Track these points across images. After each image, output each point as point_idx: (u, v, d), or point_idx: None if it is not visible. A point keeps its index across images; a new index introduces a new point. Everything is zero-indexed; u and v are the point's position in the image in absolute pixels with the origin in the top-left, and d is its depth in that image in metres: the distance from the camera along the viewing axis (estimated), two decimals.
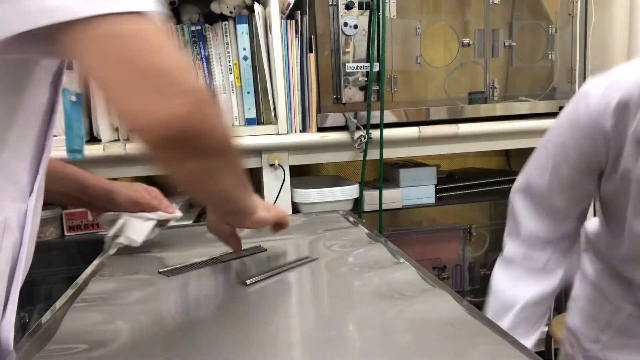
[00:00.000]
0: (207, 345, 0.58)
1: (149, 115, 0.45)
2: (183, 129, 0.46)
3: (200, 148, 0.50)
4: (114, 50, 0.44)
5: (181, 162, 0.51)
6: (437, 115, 1.57)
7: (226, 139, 0.54)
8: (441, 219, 1.67)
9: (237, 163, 0.59)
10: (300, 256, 0.87)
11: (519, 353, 0.53)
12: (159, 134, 0.46)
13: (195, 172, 0.54)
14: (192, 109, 0.47)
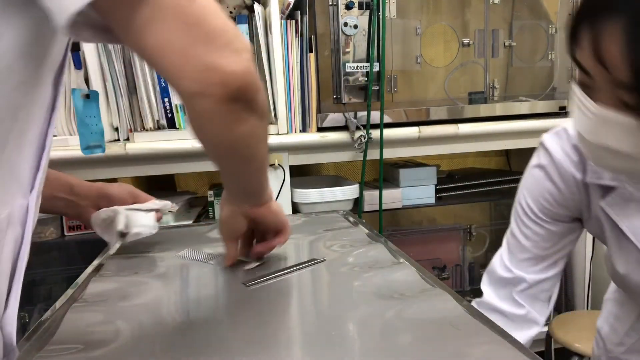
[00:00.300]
0: (207, 345, 0.58)
1: (225, 69, 0.49)
2: (250, 82, 0.53)
3: (259, 105, 0.56)
4: (177, 15, 0.46)
5: (244, 120, 0.55)
6: (437, 115, 1.57)
7: (265, 102, 0.58)
8: (441, 219, 1.67)
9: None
10: (307, 257, 0.87)
11: (519, 353, 0.53)
12: (234, 86, 0.50)
13: (251, 132, 0.57)
14: (252, 65, 0.53)
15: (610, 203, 0.72)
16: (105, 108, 1.45)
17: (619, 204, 0.71)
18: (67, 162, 1.35)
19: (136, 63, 1.43)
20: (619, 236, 0.74)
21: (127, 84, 1.45)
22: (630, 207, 0.70)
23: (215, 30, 0.49)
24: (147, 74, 1.44)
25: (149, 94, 1.45)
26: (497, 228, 1.72)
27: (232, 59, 0.50)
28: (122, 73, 1.43)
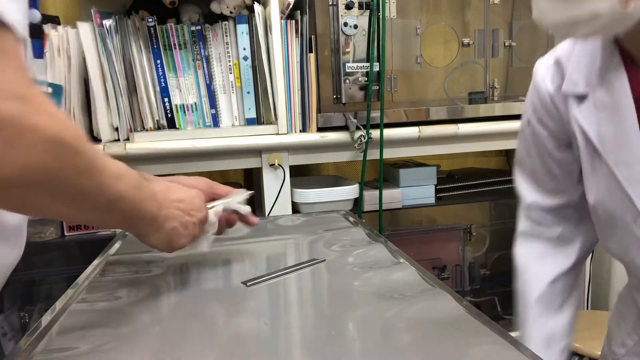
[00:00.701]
0: (207, 345, 0.58)
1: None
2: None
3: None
4: None
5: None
6: (437, 115, 1.57)
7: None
8: (441, 219, 1.67)
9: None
10: (307, 258, 0.87)
11: (519, 353, 0.53)
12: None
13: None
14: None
15: (584, 113, 0.73)
16: (105, 108, 1.46)
17: (591, 113, 0.72)
18: None
19: (136, 63, 1.43)
20: (592, 154, 0.73)
21: (127, 84, 1.45)
22: (601, 116, 0.71)
23: None
24: (147, 74, 1.45)
25: (149, 94, 1.45)
26: (497, 228, 1.72)
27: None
28: (122, 73, 1.43)
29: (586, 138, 0.73)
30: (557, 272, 0.87)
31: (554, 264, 0.88)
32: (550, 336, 0.87)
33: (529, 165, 0.87)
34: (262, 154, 1.46)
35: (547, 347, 0.86)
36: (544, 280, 0.87)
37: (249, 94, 1.51)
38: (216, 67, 1.50)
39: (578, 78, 0.73)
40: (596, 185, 0.74)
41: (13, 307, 1.47)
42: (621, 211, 0.72)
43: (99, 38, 1.41)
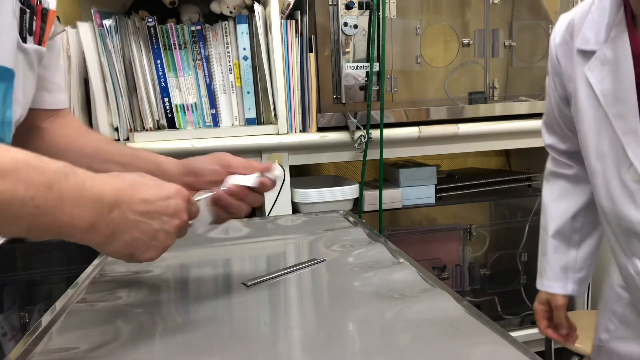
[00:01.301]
0: (207, 345, 0.58)
1: None
2: None
3: None
4: None
5: None
6: (437, 115, 1.57)
7: None
8: (441, 219, 1.67)
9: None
10: (307, 257, 0.87)
11: (519, 353, 0.53)
12: None
13: None
14: None
15: (591, 68, 0.78)
16: (105, 108, 1.45)
17: (597, 68, 0.77)
18: None
19: (136, 63, 1.43)
20: (596, 108, 0.78)
21: (127, 84, 1.45)
22: (604, 71, 0.76)
23: None
24: (147, 74, 1.45)
25: (149, 94, 1.45)
26: (497, 228, 1.72)
27: None
28: (122, 73, 1.43)
29: (592, 92, 0.78)
30: (575, 208, 0.96)
31: (572, 201, 0.97)
32: (566, 267, 0.97)
33: (546, 111, 0.96)
34: (262, 154, 1.46)
35: (563, 276, 0.96)
36: (563, 216, 0.97)
37: (249, 94, 1.51)
38: (216, 67, 1.50)
39: (590, 36, 0.78)
40: (597, 139, 0.79)
41: (13, 307, 1.47)
42: (617, 162, 0.76)
43: (99, 38, 1.41)
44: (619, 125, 0.74)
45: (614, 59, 0.75)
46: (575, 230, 0.97)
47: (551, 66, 0.89)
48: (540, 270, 1.01)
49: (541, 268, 1.00)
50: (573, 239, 0.98)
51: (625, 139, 0.74)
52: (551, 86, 0.90)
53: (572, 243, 0.98)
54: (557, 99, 0.89)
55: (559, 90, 0.88)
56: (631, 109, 0.73)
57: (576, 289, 0.97)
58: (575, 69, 0.81)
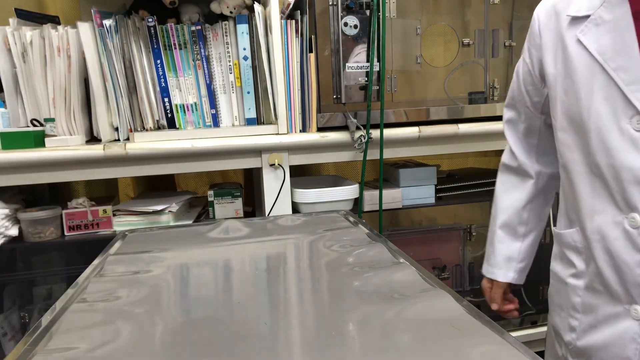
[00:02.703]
0: (207, 345, 0.58)
1: None
2: None
3: None
4: None
5: None
6: (437, 115, 1.57)
7: None
8: (441, 219, 1.67)
9: None
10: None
11: (519, 353, 0.53)
12: None
13: None
14: None
15: (584, 31, 0.82)
16: (105, 108, 1.46)
17: (590, 29, 0.82)
18: (67, 162, 1.35)
19: (136, 63, 1.43)
20: (590, 67, 0.81)
21: (127, 84, 1.45)
22: (600, 30, 0.81)
23: None
24: (147, 74, 1.45)
25: (149, 94, 1.45)
26: None
27: None
28: (122, 73, 1.44)
29: (586, 52, 0.82)
30: (523, 201, 1.06)
31: (520, 194, 1.07)
32: (510, 257, 1.07)
33: (510, 91, 1.07)
34: (262, 154, 1.46)
35: (505, 265, 1.07)
36: (511, 208, 1.07)
37: (249, 94, 1.51)
38: (216, 67, 1.50)
39: (582, 4, 0.84)
40: (590, 98, 0.82)
41: (13, 307, 1.47)
42: (615, 114, 0.79)
43: (99, 38, 1.41)
44: (620, 77, 0.78)
45: (612, 18, 0.80)
46: (521, 223, 1.07)
47: (530, 41, 0.95)
48: (486, 256, 1.11)
49: (488, 254, 1.11)
50: (519, 231, 1.07)
51: (629, 89, 0.77)
52: (525, 62, 0.97)
53: (517, 235, 1.07)
54: (529, 73, 0.96)
55: (535, 65, 0.94)
56: (635, 60, 0.77)
57: (516, 277, 1.08)
58: (565, 36, 0.86)
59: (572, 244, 0.91)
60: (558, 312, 0.96)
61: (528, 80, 0.98)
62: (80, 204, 1.45)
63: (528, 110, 1.04)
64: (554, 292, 0.98)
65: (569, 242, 0.92)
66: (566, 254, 0.93)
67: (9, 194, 1.48)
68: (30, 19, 1.50)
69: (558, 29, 0.88)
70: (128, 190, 1.89)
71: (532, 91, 0.99)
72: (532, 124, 1.06)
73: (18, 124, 1.44)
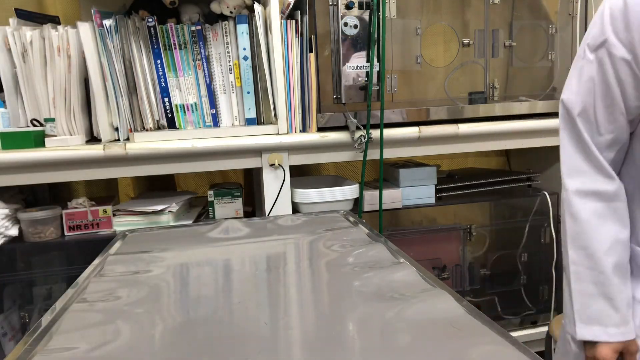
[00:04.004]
0: (207, 344, 0.58)
1: None
2: None
3: None
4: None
5: None
6: (437, 115, 1.57)
7: None
8: (441, 219, 1.67)
9: None
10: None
11: (519, 353, 0.53)
12: None
13: None
14: None
15: None
16: (105, 108, 1.46)
17: None
18: (67, 162, 1.35)
19: (136, 63, 1.43)
20: None
21: (127, 84, 1.45)
22: None
23: None
24: (147, 74, 1.45)
25: (149, 94, 1.45)
26: (497, 228, 1.72)
27: None
28: (122, 73, 1.44)
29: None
30: (626, 233, 0.85)
31: (621, 225, 0.85)
32: (629, 304, 0.85)
33: (586, 102, 0.84)
34: (262, 154, 1.46)
35: (630, 315, 0.84)
36: (617, 245, 0.84)
37: (249, 94, 1.51)
38: (216, 67, 1.50)
39: None
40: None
41: (13, 307, 1.47)
42: None
43: (99, 38, 1.41)
44: None
45: None
46: (628, 259, 0.85)
47: (624, 31, 0.78)
48: (591, 315, 0.84)
49: (598, 311, 0.84)
50: (627, 270, 0.85)
51: None
52: (622, 59, 0.79)
53: (627, 275, 0.85)
54: (630, 74, 0.79)
55: (633, 67, 0.78)
56: None
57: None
58: None
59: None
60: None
61: (628, 82, 0.80)
62: (80, 204, 1.45)
63: (620, 118, 0.83)
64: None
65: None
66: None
67: (9, 194, 1.48)
68: (30, 19, 1.50)
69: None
70: (128, 190, 1.89)
71: (633, 95, 0.81)
72: (620, 135, 0.85)
73: (18, 124, 1.44)
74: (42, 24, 1.42)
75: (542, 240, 1.73)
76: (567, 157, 0.88)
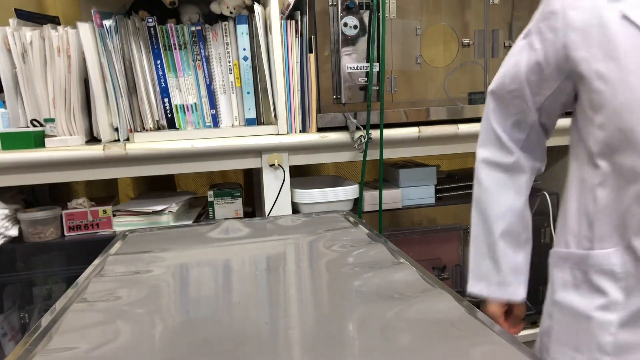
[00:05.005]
0: (207, 345, 0.58)
1: None
2: None
3: None
4: None
5: None
6: (437, 115, 1.57)
7: None
8: (441, 219, 1.67)
9: None
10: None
11: (519, 353, 0.53)
12: None
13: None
14: None
15: (633, 5, 0.72)
16: (105, 108, 1.46)
17: (637, 4, 0.72)
18: (67, 162, 1.35)
19: (136, 63, 1.43)
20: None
21: (127, 84, 1.45)
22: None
23: None
24: (147, 74, 1.45)
25: (149, 94, 1.45)
26: None
27: None
28: (122, 73, 1.44)
29: (635, 31, 0.71)
30: (521, 202, 0.93)
31: (516, 194, 0.94)
32: (518, 269, 0.94)
33: (504, 79, 0.90)
34: (262, 154, 1.46)
35: (517, 280, 0.93)
36: (510, 212, 0.93)
37: (249, 94, 1.51)
38: (216, 67, 1.50)
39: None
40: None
41: (13, 307, 1.47)
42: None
43: (99, 38, 1.41)
44: None
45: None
46: (523, 228, 0.94)
47: (544, 23, 0.83)
48: (481, 273, 0.94)
49: (486, 270, 0.93)
50: (521, 238, 0.94)
51: None
52: (534, 48, 0.84)
53: (520, 243, 0.94)
54: (537, 63, 0.83)
55: (550, 52, 0.81)
56: None
57: (525, 292, 0.94)
58: (603, 14, 0.73)
59: (606, 267, 0.76)
60: (568, 354, 0.82)
61: (534, 71, 0.84)
62: (80, 204, 1.45)
63: (523, 104, 0.89)
64: (562, 329, 0.83)
65: (600, 264, 0.77)
66: (593, 280, 0.78)
67: (9, 194, 1.48)
68: (30, 19, 1.50)
69: (592, 5, 0.74)
70: (128, 190, 1.89)
71: (537, 83, 0.85)
72: (524, 119, 0.91)
73: (18, 124, 1.44)
74: (42, 24, 1.42)
75: (542, 241, 1.73)
76: (481, 129, 1.00)
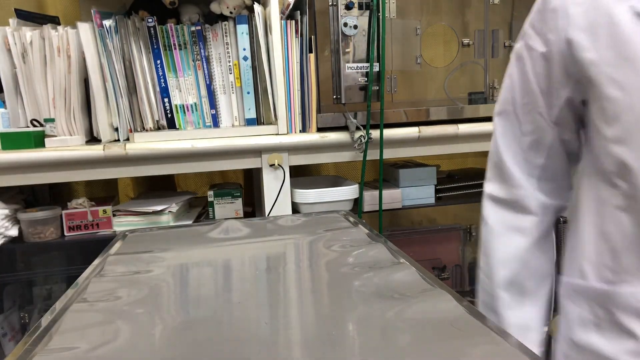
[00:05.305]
0: (207, 345, 0.58)
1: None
2: None
3: None
4: None
5: None
6: (437, 115, 1.57)
7: None
8: (441, 219, 1.67)
9: None
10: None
11: (519, 353, 0.53)
12: None
13: None
14: None
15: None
16: (105, 108, 1.46)
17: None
18: (67, 162, 1.35)
19: (136, 63, 1.43)
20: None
21: (127, 84, 1.45)
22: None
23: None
24: (147, 74, 1.45)
25: (149, 94, 1.45)
26: None
27: None
28: (122, 73, 1.44)
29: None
30: (527, 247, 0.79)
31: (521, 237, 0.80)
32: (526, 326, 0.80)
33: (507, 95, 0.83)
34: (262, 154, 1.46)
35: (523, 338, 0.74)
36: (512, 259, 0.80)
37: (249, 94, 1.51)
38: (216, 67, 1.50)
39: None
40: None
41: (13, 307, 1.47)
42: None
43: (99, 38, 1.41)
44: None
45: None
46: (530, 275, 0.80)
47: (544, 22, 0.72)
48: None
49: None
50: (527, 288, 0.80)
51: None
52: (536, 50, 0.74)
53: (526, 293, 0.80)
54: (545, 67, 0.74)
55: (554, 53, 0.71)
56: None
57: (541, 351, 0.80)
58: (612, 10, 0.64)
59: (634, 305, 0.67)
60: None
61: (543, 75, 0.74)
62: (80, 204, 1.45)
63: (538, 119, 0.77)
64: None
65: (628, 303, 0.67)
66: (620, 320, 0.68)
67: (9, 194, 1.48)
68: (30, 19, 1.50)
69: (597, 1, 0.66)
70: (128, 190, 1.89)
71: (549, 91, 0.74)
72: (541, 137, 0.78)
73: (18, 124, 1.44)
74: (42, 24, 1.42)
75: None
76: (488, 162, 0.86)
